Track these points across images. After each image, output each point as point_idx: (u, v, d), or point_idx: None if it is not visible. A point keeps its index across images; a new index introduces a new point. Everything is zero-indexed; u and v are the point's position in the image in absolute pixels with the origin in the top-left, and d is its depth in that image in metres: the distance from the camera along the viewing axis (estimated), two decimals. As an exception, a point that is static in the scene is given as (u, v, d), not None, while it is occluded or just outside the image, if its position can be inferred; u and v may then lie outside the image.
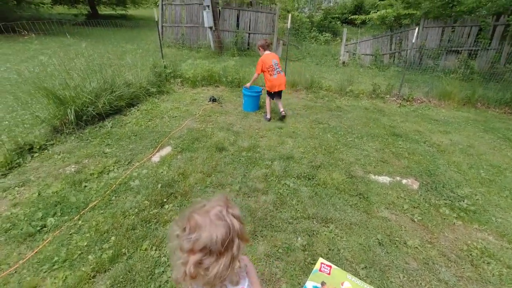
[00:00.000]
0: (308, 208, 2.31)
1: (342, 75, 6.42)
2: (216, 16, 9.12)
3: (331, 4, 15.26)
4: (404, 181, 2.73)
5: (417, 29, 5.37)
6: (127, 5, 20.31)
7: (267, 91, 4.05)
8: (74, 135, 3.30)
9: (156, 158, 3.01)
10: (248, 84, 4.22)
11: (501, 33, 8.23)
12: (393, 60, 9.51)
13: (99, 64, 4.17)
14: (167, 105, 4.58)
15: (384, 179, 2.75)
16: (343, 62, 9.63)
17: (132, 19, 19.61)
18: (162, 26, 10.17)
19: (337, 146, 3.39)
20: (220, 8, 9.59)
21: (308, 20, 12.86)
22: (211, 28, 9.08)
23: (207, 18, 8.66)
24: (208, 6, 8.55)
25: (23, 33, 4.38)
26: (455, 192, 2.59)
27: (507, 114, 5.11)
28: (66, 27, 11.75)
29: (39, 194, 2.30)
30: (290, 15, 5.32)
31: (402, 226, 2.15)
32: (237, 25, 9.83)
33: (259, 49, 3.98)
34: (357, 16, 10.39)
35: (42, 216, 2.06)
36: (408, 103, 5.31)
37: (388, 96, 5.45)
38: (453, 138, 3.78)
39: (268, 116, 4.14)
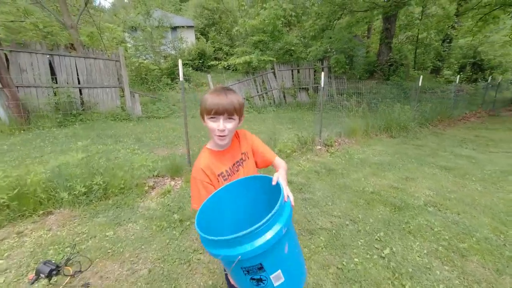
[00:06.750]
0: None
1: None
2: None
3: (173, 52, 14.29)
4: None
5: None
6: None
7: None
8: None
9: None
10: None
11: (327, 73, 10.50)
12: (264, 101, 9.67)
13: None
14: None
15: None
16: (221, 110, 8.56)
17: None
18: None
19: (387, 277, 1.78)
20: (6, 51, 5.63)
21: (158, 67, 10.99)
22: (-7, 85, 4.99)
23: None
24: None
25: None
26: None
27: (392, 138, 5.83)
28: None
29: None
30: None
31: None
32: (54, 78, 6.19)
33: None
34: (218, 62, 9.92)
35: None
36: (332, 148, 4.79)
37: (314, 145, 4.69)
38: (428, 186, 3.33)
39: None
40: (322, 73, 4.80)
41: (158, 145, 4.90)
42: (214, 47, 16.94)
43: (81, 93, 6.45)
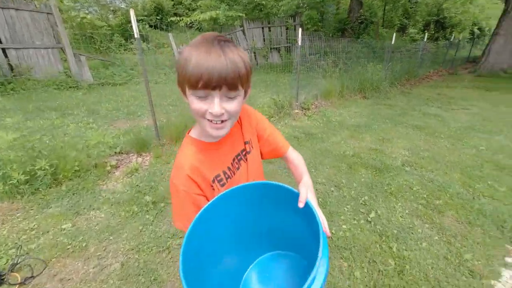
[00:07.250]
0: None
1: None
2: None
3: (124, 5, 12.20)
4: None
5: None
6: None
7: None
8: None
9: None
10: None
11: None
12: (233, 63, 8.98)
13: None
14: None
15: None
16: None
17: None
18: None
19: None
20: None
21: (106, 24, 9.35)
22: None
23: None
24: None
25: None
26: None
27: (365, 99, 5.86)
28: None
29: None
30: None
31: None
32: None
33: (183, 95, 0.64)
34: (180, 18, 8.61)
35: None
36: (309, 111, 4.65)
37: (292, 109, 4.50)
38: (403, 146, 3.41)
39: None
40: (300, 29, 4.38)
41: (117, 117, 4.28)
42: (173, 0, 14.85)
43: (6, 55, 5.20)
